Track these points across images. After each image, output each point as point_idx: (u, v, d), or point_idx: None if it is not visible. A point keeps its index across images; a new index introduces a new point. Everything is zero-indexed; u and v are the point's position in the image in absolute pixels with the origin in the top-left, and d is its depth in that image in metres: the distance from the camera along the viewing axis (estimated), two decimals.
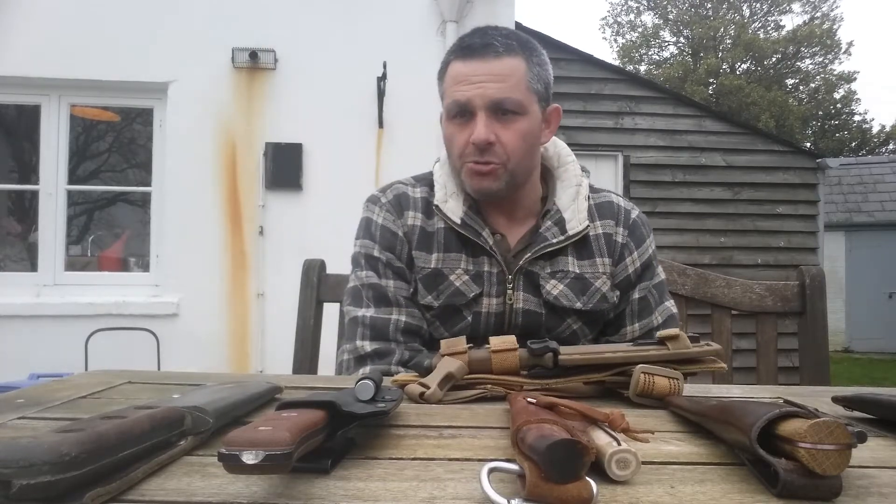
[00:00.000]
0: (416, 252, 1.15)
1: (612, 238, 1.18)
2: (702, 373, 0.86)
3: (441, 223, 1.15)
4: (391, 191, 1.20)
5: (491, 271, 1.13)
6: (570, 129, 6.01)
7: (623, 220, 1.19)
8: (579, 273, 1.14)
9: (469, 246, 1.14)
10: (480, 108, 1.07)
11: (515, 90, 1.07)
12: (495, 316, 1.13)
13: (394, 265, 1.15)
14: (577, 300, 1.13)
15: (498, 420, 0.70)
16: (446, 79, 1.12)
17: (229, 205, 3.91)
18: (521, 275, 1.13)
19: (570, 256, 1.15)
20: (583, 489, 0.42)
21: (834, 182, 12.00)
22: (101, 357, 3.45)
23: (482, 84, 1.06)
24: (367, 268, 1.16)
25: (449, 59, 1.13)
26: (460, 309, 1.13)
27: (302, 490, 0.46)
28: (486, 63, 1.07)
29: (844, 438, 0.44)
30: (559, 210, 1.16)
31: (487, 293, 1.12)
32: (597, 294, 1.14)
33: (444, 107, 1.13)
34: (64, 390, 0.81)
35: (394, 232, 1.16)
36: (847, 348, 11.90)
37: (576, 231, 1.14)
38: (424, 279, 1.13)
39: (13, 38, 3.78)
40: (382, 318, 1.12)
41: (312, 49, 3.95)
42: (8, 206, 4.76)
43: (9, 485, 0.37)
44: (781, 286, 1.47)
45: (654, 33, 22.86)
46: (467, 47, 1.10)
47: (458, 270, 1.13)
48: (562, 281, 1.13)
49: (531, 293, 1.13)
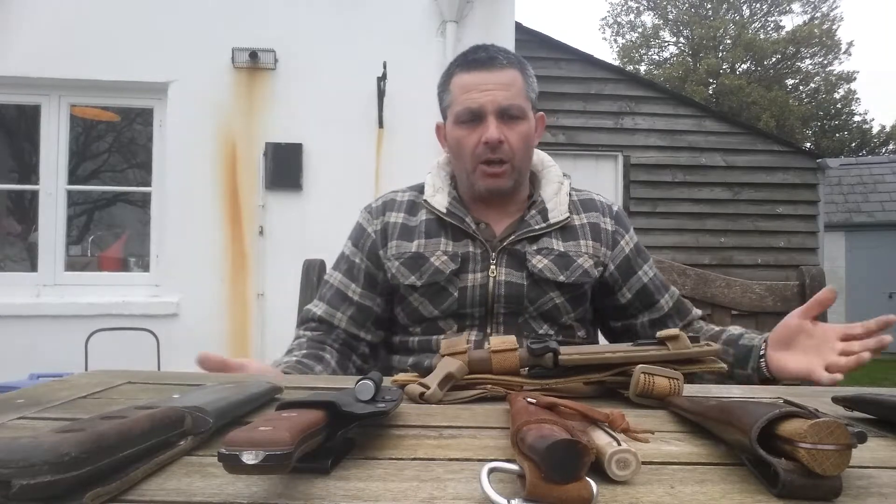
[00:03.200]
0: (397, 241, 1.26)
1: (601, 226, 1.29)
2: (702, 373, 0.86)
3: (424, 216, 1.27)
4: (382, 199, 1.35)
5: (475, 251, 1.23)
6: (570, 129, 6.01)
7: (608, 212, 1.32)
8: (563, 251, 1.23)
9: (450, 230, 1.24)
10: (491, 112, 1.19)
11: (518, 97, 1.21)
12: (480, 288, 1.21)
13: (350, 259, 1.30)
14: (560, 274, 1.21)
15: (498, 420, 0.70)
16: (453, 89, 1.24)
17: (229, 205, 3.92)
18: (504, 253, 1.22)
19: (553, 238, 1.24)
20: (583, 489, 0.42)
21: (834, 182, 12.00)
22: (101, 357, 3.45)
23: (491, 92, 1.19)
24: (331, 267, 1.33)
25: (453, 71, 1.25)
26: (445, 286, 1.21)
27: (302, 490, 0.46)
28: (493, 73, 1.20)
29: (844, 438, 0.44)
30: (543, 201, 1.27)
31: (472, 269, 1.22)
32: (579, 269, 1.23)
33: (453, 114, 1.24)
34: (64, 390, 0.81)
35: (364, 228, 1.31)
36: None
37: (557, 220, 1.24)
38: (406, 262, 1.24)
39: (13, 38, 3.78)
40: (308, 309, 1.29)
41: (312, 49, 3.95)
42: (8, 206, 4.76)
43: (9, 485, 0.37)
44: (781, 286, 1.47)
45: (653, 33, 22.86)
46: (474, 60, 1.22)
47: (437, 252, 1.23)
48: (546, 256, 1.22)
49: (514, 268, 1.22)
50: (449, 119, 1.26)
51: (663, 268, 1.48)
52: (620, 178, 6.11)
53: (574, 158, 5.94)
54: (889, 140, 21.26)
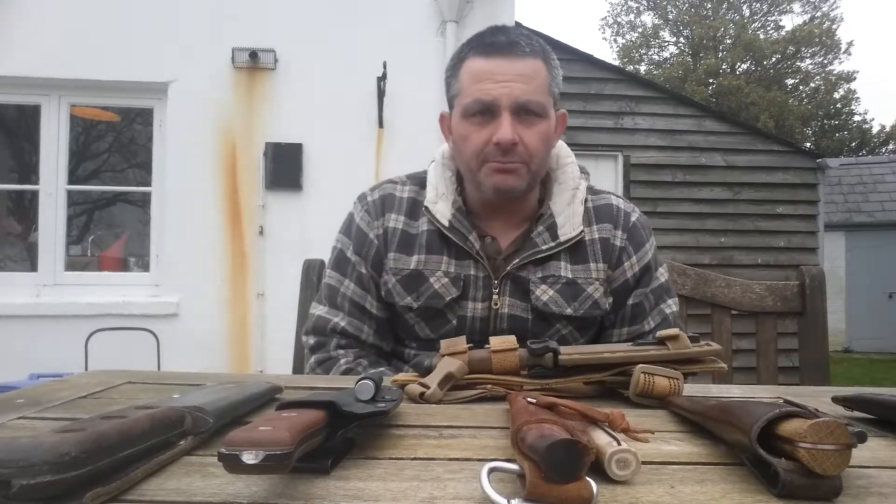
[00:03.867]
0: (395, 254, 1.14)
1: (610, 242, 1.15)
2: (702, 373, 0.86)
3: (426, 225, 1.13)
4: (379, 190, 1.20)
5: (477, 275, 1.11)
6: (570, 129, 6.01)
7: (622, 224, 1.16)
8: (571, 278, 1.11)
9: (454, 248, 1.12)
10: (506, 108, 1.04)
11: (539, 92, 1.05)
12: (480, 320, 1.11)
13: (357, 269, 1.17)
14: (567, 306, 1.10)
15: (498, 420, 0.69)
16: (463, 75, 1.08)
17: (229, 205, 3.91)
18: (508, 280, 1.10)
19: (562, 261, 1.11)
20: (583, 489, 0.42)
21: (834, 182, 11.99)
22: (101, 357, 3.45)
23: (508, 83, 1.03)
24: (334, 266, 1.20)
25: (465, 54, 1.09)
26: (443, 311, 1.11)
27: (302, 490, 0.46)
28: (511, 62, 1.04)
29: (844, 438, 0.44)
30: (552, 215, 1.13)
31: (473, 297, 1.10)
32: (588, 300, 1.11)
33: (461, 105, 1.08)
34: (64, 390, 0.81)
35: (366, 233, 1.17)
36: (847, 348, 11.90)
37: (567, 237, 1.11)
38: (403, 280, 1.12)
39: (13, 38, 3.78)
40: (325, 318, 1.17)
41: (312, 49, 3.95)
42: (8, 206, 4.76)
43: (9, 485, 0.37)
44: (781, 286, 1.47)
45: (653, 33, 22.86)
46: (491, 44, 1.05)
47: (437, 273, 1.11)
48: (552, 286, 1.10)
49: (518, 298, 1.10)
50: (456, 110, 1.10)
51: None
52: (620, 178, 6.11)
53: None
54: (889, 140, 21.26)
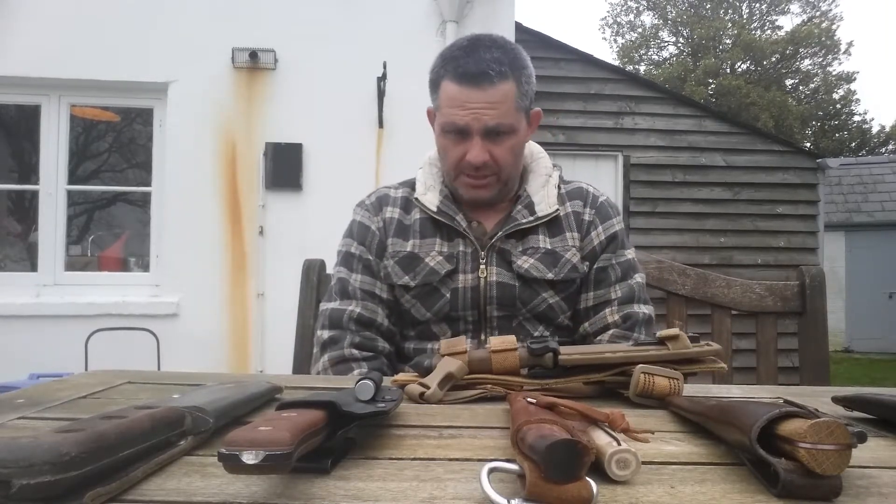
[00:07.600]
0: (393, 239, 1.25)
1: (581, 216, 1.26)
2: (702, 373, 0.86)
3: (418, 215, 1.25)
4: (374, 194, 1.33)
5: (466, 251, 1.21)
6: (570, 129, 6.01)
7: (591, 202, 1.28)
8: (550, 249, 1.21)
9: (444, 230, 1.23)
10: (477, 132, 1.15)
11: (507, 115, 1.15)
12: (471, 290, 1.20)
13: (363, 258, 1.25)
14: (548, 271, 1.19)
15: (498, 420, 0.70)
16: (441, 96, 1.18)
17: (229, 205, 3.91)
18: (493, 252, 1.21)
19: (540, 235, 1.22)
20: (583, 489, 0.42)
21: (834, 182, 12.00)
22: (101, 357, 3.45)
23: (477, 112, 1.13)
24: (341, 264, 1.28)
25: (442, 74, 1.17)
26: (437, 287, 1.20)
27: (302, 490, 0.46)
28: (481, 91, 1.13)
29: (844, 438, 0.44)
30: (529, 195, 1.25)
31: (462, 269, 1.20)
32: (567, 265, 1.21)
33: (440, 122, 1.20)
34: (64, 390, 0.81)
35: (367, 226, 1.27)
36: (847, 348, 11.91)
37: (545, 213, 1.22)
38: (401, 262, 1.22)
39: (13, 38, 3.78)
40: (339, 309, 1.22)
41: (312, 49, 3.95)
42: (8, 206, 4.76)
43: (9, 485, 0.37)
44: (781, 286, 1.47)
45: (653, 33, 22.86)
46: (463, 74, 1.14)
47: (432, 252, 1.21)
48: (532, 256, 1.20)
49: (504, 268, 1.20)
50: (437, 120, 1.22)
51: (663, 268, 1.48)
52: (620, 178, 6.10)
53: (574, 158, 5.94)
54: (889, 140, 21.25)
